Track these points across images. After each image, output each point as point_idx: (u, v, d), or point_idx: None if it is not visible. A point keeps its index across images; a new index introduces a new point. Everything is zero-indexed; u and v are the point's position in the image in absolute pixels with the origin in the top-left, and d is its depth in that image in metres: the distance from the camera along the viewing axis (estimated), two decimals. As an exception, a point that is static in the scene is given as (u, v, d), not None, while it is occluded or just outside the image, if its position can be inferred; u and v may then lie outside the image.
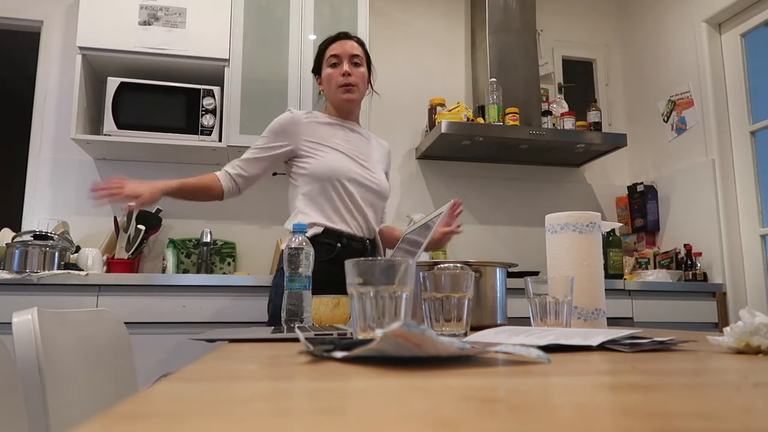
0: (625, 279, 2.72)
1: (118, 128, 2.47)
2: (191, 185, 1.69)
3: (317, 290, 1.27)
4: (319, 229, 1.66)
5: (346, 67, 1.73)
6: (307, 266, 1.23)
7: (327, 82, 1.78)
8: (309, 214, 1.69)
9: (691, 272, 2.76)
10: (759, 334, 0.58)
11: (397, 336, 0.47)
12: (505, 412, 0.29)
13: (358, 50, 1.78)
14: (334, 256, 1.62)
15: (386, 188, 1.84)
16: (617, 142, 2.94)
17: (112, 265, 2.50)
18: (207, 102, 2.55)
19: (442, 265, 0.98)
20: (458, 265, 0.99)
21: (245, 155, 1.77)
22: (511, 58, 3.04)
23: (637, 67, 3.38)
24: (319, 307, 1.25)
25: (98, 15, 2.50)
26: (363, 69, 1.79)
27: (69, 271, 2.14)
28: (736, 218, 2.77)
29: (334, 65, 1.76)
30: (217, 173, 1.74)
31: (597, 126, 3.02)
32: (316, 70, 1.85)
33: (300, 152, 1.73)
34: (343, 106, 1.80)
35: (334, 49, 1.76)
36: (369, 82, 1.84)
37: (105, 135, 2.46)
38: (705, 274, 2.77)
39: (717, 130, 2.83)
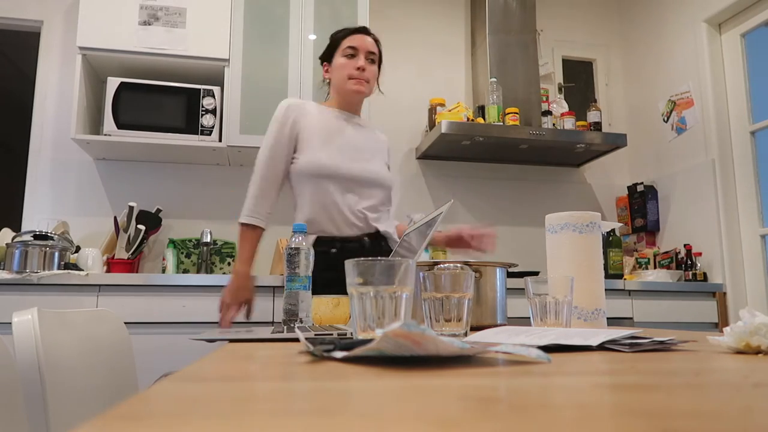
0: (625, 279, 2.72)
1: (118, 128, 2.47)
2: (253, 251, 1.67)
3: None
4: (312, 238, 1.65)
5: (362, 61, 1.73)
6: (306, 266, 1.23)
7: (338, 71, 1.75)
8: (300, 219, 1.68)
9: (691, 272, 2.76)
10: (759, 334, 0.58)
11: (397, 336, 0.47)
12: (505, 412, 0.29)
13: (374, 48, 1.78)
14: (330, 263, 1.59)
15: (385, 177, 1.80)
16: (617, 142, 2.95)
17: (112, 265, 2.51)
18: (207, 102, 2.55)
19: (442, 265, 0.98)
20: (458, 265, 0.99)
21: (258, 172, 1.69)
22: (511, 58, 3.04)
23: (637, 67, 3.38)
24: (319, 307, 1.25)
25: (98, 15, 2.50)
26: (375, 67, 1.79)
27: (69, 271, 2.14)
28: (736, 218, 2.77)
29: (350, 56, 1.74)
30: (256, 222, 1.66)
31: (597, 126, 3.02)
32: (326, 58, 1.82)
33: (297, 143, 1.70)
34: (351, 98, 1.78)
35: (353, 40, 1.75)
36: (377, 81, 1.84)
37: (105, 135, 2.46)
38: (705, 274, 2.77)
39: (717, 130, 2.83)
